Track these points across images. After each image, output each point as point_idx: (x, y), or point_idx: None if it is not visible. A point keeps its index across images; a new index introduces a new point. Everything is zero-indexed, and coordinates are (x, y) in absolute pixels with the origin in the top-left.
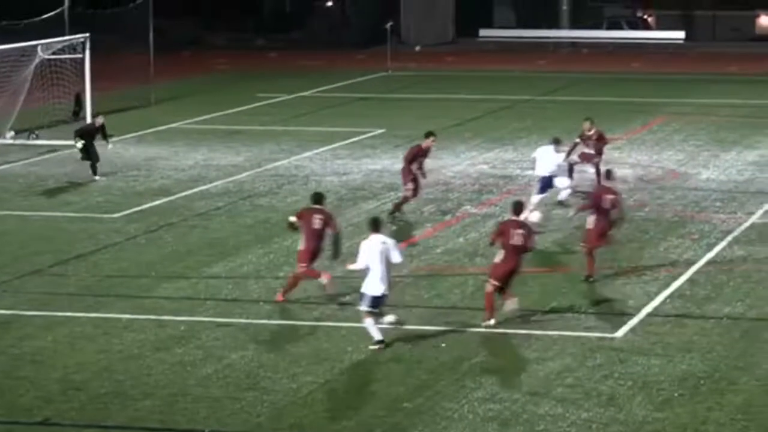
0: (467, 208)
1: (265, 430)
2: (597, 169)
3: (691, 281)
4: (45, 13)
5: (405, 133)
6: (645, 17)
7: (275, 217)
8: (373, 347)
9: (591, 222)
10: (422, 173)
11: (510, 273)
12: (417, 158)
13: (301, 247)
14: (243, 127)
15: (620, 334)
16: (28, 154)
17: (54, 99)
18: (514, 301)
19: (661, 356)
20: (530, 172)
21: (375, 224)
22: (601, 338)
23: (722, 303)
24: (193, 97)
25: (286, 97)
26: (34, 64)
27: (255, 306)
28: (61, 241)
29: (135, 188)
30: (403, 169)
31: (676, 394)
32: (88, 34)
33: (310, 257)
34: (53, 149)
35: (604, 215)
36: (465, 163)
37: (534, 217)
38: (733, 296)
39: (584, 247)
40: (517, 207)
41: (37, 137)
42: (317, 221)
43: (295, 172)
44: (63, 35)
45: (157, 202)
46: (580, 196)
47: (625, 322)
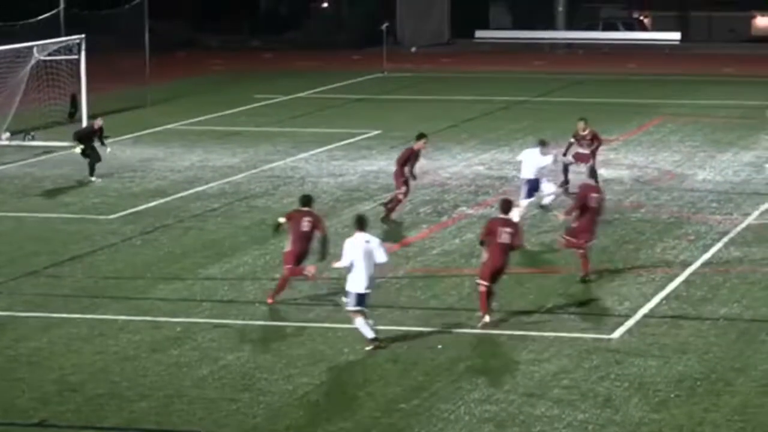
0: (463, 209)
1: (261, 431)
2: (593, 170)
3: (688, 282)
4: (40, 14)
5: (401, 134)
6: (641, 18)
7: (271, 219)
8: (368, 348)
9: (575, 219)
10: (413, 175)
11: (497, 271)
12: (410, 161)
13: (287, 248)
14: (239, 128)
15: (616, 335)
16: (24, 156)
17: (50, 100)
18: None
19: (658, 357)
20: (515, 173)
21: (360, 222)
22: (597, 339)
23: (718, 304)
24: (188, 98)
25: (282, 98)
26: (29, 65)
27: (251, 307)
28: (56, 243)
29: (131, 189)
30: (396, 172)
31: (672, 396)
32: (83, 36)
33: (295, 259)
34: (49, 150)
35: (591, 213)
36: (461, 165)
37: (515, 214)
38: (729, 297)
39: (565, 242)
40: (505, 205)
41: (33, 138)
42: (306, 223)
43: (291, 173)
44: (58, 36)
45: (152, 204)
46: (571, 197)
47: (621, 324)
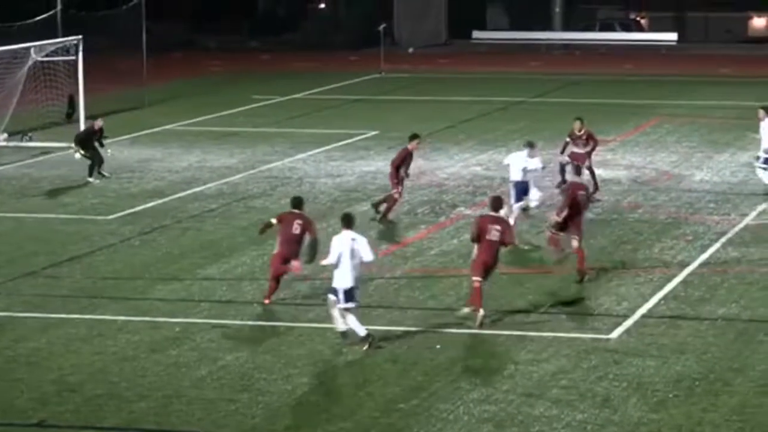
0: (461, 209)
1: (260, 431)
2: (591, 171)
3: (686, 283)
4: (37, 15)
5: (398, 134)
6: (638, 19)
7: (268, 219)
8: (364, 347)
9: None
10: (407, 174)
11: (488, 267)
12: (405, 162)
13: (276, 250)
14: (237, 129)
15: (615, 335)
16: (22, 156)
17: (47, 101)
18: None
19: (656, 357)
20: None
21: (347, 220)
22: (595, 340)
23: (716, 304)
24: (186, 99)
25: (280, 99)
26: (27, 66)
27: (249, 307)
28: (55, 243)
29: (129, 190)
30: (391, 173)
31: (670, 396)
32: (81, 37)
33: (282, 261)
34: (47, 151)
35: (579, 210)
36: (458, 165)
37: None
38: (727, 298)
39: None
40: (496, 203)
41: (31, 139)
42: (296, 226)
43: (289, 173)
44: (56, 37)
45: (150, 204)
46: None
47: (619, 324)
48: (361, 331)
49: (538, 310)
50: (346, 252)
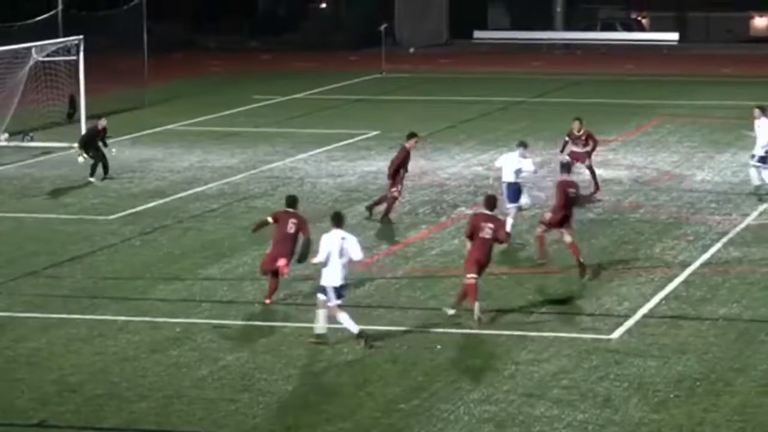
0: (462, 209)
1: (260, 431)
2: (591, 171)
3: (687, 283)
4: (38, 15)
5: (399, 135)
6: (639, 19)
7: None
8: (359, 346)
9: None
10: (405, 168)
11: (481, 265)
12: (405, 161)
13: (269, 249)
14: (237, 129)
15: (616, 335)
16: (23, 156)
17: (48, 101)
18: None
19: (657, 358)
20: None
21: (337, 219)
22: (596, 340)
23: (718, 304)
24: (187, 99)
25: (281, 99)
26: (28, 66)
27: (250, 307)
28: (56, 243)
29: (130, 190)
30: (391, 173)
31: (671, 396)
32: (81, 37)
33: (274, 262)
34: (48, 151)
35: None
36: (459, 165)
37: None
38: (728, 298)
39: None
40: (490, 201)
41: (32, 139)
42: (291, 225)
43: (290, 174)
44: (57, 37)
45: (152, 204)
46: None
47: (620, 324)
48: (354, 328)
49: (539, 309)
50: (335, 250)
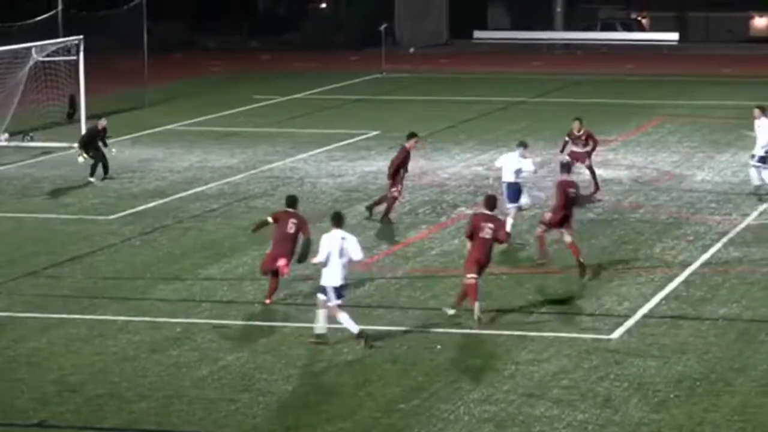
0: (462, 209)
1: (260, 431)
2: (591, 171)
3: (687, 283)
4: (38, 15)
5: (399, 135)
6: (639, 19)
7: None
8: (359, 346)
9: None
10: (405, 168)
11: (481, 265)
12: (405, 161)
13: (269, 249)
14: (238, 129)
15: (616, 335)
16: (23, 156)
17: (48, 101)
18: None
19: (657, 358)
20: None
21: (337, 219)
22: (596, 340)
23: (718, 304)
24: (187, 99)
25: (281, 99)
26: (28, 66)
27: (250, 307)
28: (56, 243)
29: (130, 190)
30: (391, 173)
31: (671, 396)
32: (81, 37)
33: (273, 262)
34: (48, 151)
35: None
36: (459, 165)
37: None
38: (728, 298)
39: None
40: (490, 201)
41: (32, 139)
42: (291, 225)
43: (290, 173)
44: (57, 37)
45: (152, 204)
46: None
47: (620, 324)
48: (354, 328)
49: (539, 309)
50: (335, 250)
